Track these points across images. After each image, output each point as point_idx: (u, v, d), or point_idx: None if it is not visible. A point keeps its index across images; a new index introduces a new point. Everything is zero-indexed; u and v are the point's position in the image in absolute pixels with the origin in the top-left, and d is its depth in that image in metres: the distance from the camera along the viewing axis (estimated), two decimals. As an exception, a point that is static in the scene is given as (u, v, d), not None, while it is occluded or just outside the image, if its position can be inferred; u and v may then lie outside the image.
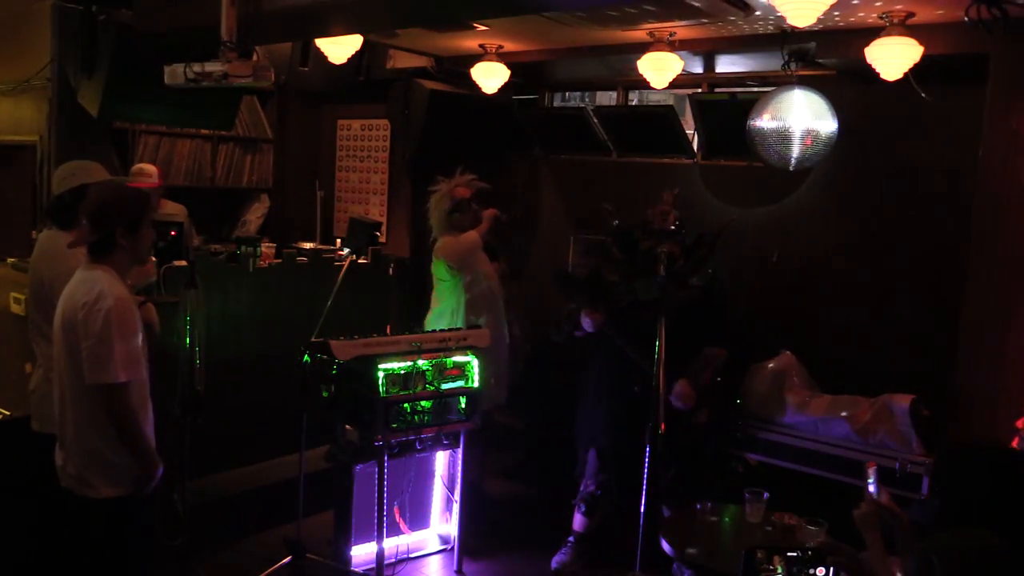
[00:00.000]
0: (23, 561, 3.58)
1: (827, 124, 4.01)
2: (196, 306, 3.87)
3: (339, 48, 4.24)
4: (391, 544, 3.93)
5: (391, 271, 5.52)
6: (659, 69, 4.16)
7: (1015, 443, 3.06)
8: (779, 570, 2.46)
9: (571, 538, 4.17)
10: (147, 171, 5.12)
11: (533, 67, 5.06)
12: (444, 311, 4.56)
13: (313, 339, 3.84)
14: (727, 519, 3.49)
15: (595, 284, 4.02)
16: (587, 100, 6.43)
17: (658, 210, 3.91)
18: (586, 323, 3.88)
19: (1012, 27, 2.91)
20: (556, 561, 4.15)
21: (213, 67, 3.41)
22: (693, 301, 3.84)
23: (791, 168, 4.12)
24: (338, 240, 6.12)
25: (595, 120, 5.20)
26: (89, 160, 3.71)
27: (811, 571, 2.44)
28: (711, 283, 3.95)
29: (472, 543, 4.23)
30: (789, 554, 2.48)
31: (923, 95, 3.66)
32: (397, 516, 4.07)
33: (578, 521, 4.15)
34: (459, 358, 3.93)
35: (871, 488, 2.81)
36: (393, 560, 3.98)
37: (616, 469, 3.98)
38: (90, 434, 2.78)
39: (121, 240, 2.80)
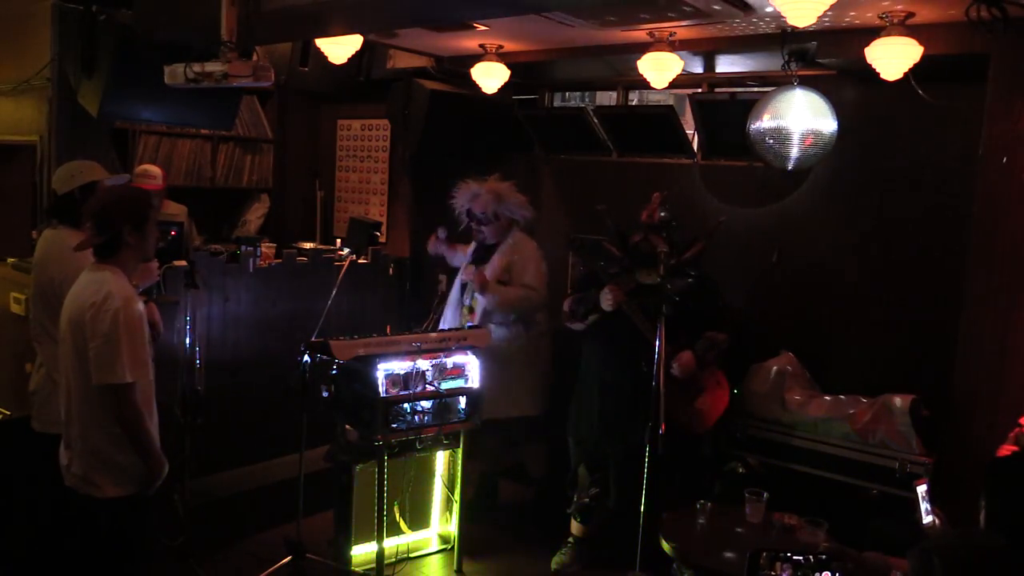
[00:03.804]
0: (24, 561, 3.58)
1: (827, 124, 4.01)
2: (196, 306, 3.87)
3: (339, 48, 4.24)
4: (391, 544, 3.93)
5: (391, 271, 5.52)
6: (659, 69, 4.16)
7: (1013, 434, 3.06)
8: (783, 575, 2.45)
9: (570, 539, 4.17)
10: (151, 172, 5.12)
11: (533, 67, 5.06)
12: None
13: (313, 339, 3.84)
14: (727, 519, 3.49)
15: (595, 280, 4.03)
16: (587, 100, 6.43)
17: (648, 208, 4.02)
18: (606, 301, 3.85)
19: (1012, 27, 2.91)
20: (556, 562, 4.15)
21: (213, 67, 3.41)
22: (691, 290, 3.88)
23: (791, 168, 4.12)
24: (338, 240, 6.12)
25: (595, 120, 5.19)
26: (89, 160, 3.72)
27: (815, 576, 2.44)
28: (703, 281, 3.97)
29: (472, 543, 4.23)
30: (794, 558, 2.47)
31: (923, 95, 3.66)
32: (397, 516, 4.07)
33: (575, 527, 4.16)
34: (459, 358, 3.93)
35: (923, 507, 2.80)
36: (393, 560, 3.98)
37: (615, 470, 3.98)
38: (96, 434, 2.79)
39: (129, 238, 2.82)
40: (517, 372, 4.45)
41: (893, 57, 3.52)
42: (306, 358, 3.77)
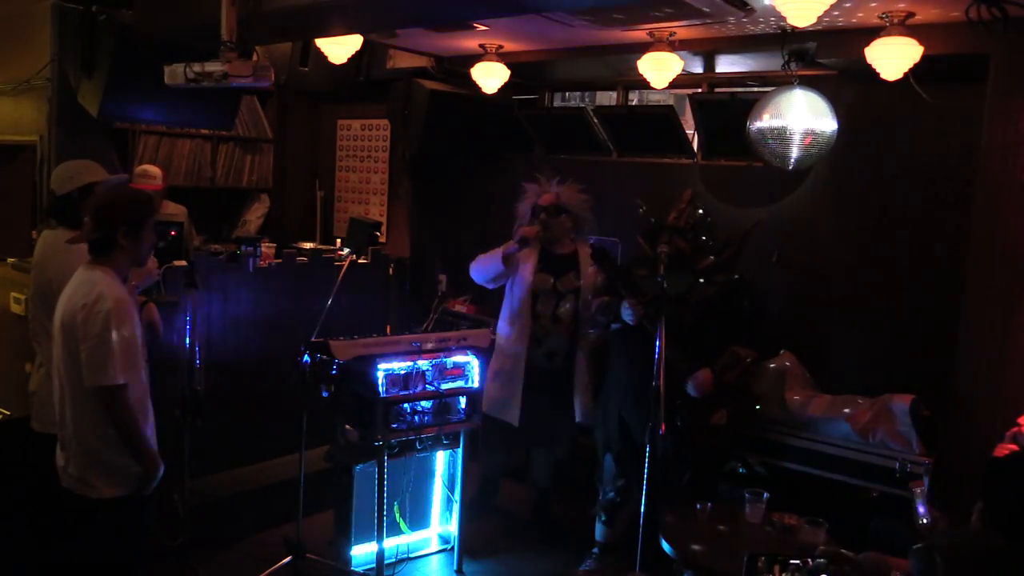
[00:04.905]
0: (23, 561, 3.58)
1: (827, 124, 4.01)
2: (196, 306, 3.87)
3: (339, 48, 4.24)
4: (391, 544, 3.93)
5: (391, 271, 5.52)
6: (659, 69, 4.16)
7: (1010, 433, 3.06)
8: None
9: (595, 549, 4.12)
10: (151, 173, 5.12)
11: (533, 67, 5.06)
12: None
13: (313, 339, 3.84)
14: (727, 519, 3.48)
15: (623, 275, 4.01)
16: (587, 100, 6.43)
17: (675, 208, 3.96)
18: (627, 314, 3.82)
19: (1012, 27, 2.91)
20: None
21: (213, 67, 3.41)
22: (719, 298, 3.85)
23: (791, 168, 4.12)
24: (338, 240, 6.12)
25: (595, 120, 5.19)
26: (89, 160, 3.71)
27: (812, 581, 2.43)
28: (736, 285, 3.94)
29: (472, 543, 4.23)
30: (791, 562, 2.47)
31: (923, 95, 3.66)
32: (397, 516, 4.06)
33: (599, 531, 4.11)
34: (459, 358, 3.93)
35: (919, 508, 2.81)
36: (393, 560, 3.98)
37: (638, 472, 3.93)
38: (90, 435, 2.79)
39: (122, 240, 2.80)
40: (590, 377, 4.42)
41: (893, 57, 3.52)
42: (306, 358, 3.77)
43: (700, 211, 3.95)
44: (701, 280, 3.83)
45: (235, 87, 3.65)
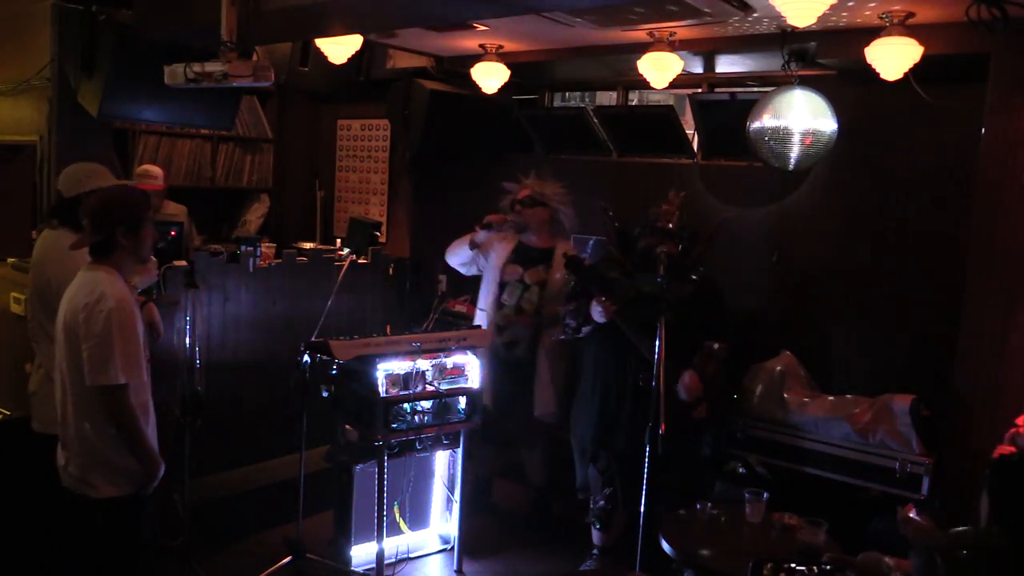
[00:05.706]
0: (23, 561, 3.58)
1: (827, 124, 4.02)
2: (196, 306, 3.87)
3: (339, 48, 4.24)
4: (391, 544, 3.93)
5: (391, 271, 5.52)
6: (659, 69, 4.16)
7: (1009, 434, 3.06)
8: None
9: (595, 551, 4.12)
10: (152, 173, 5.12)
11: (533, 67, 5.06)
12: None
13: (313, 339, 3.84)
14: (727, 519, 3.48)
15: (597, 279, 4.00)
16: (587, 100, 6.43)
17: (663, 209, 3.91)
18: (596, 312, 3.80)
19: (1012, 27, 2.91)
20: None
21: (213, 67, 3.41)
22: (692, 297, 3.85)
23: (791, 168, 4.12)
24: (338, 240, 6.12)
25: (595, 120, 5.19)
26: (95, 163, 3.71)
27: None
28: (704, 281, 3.94)
29: (472, 543, 4.23)
30: (798, 568, 2.46)
31: (923, 95, 3.66)
32: (397, 516, 4.06)
33: (596, 536, 4.10)
34: (459, 358, 3.93)
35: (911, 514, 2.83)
36: (393, 560, 3.98)
37: (622, 474, 3.95)
38: (91, 435, 2.79)
39: (122, 240, 2.81)
40: (553, 372, 4.43)
41: (893, 57, 3.52)
42: (306, 358, 3.77)
43: (686, 216, 3.94)
44: (676, 278, 3.82)
45: (235, 87, 3.66)
